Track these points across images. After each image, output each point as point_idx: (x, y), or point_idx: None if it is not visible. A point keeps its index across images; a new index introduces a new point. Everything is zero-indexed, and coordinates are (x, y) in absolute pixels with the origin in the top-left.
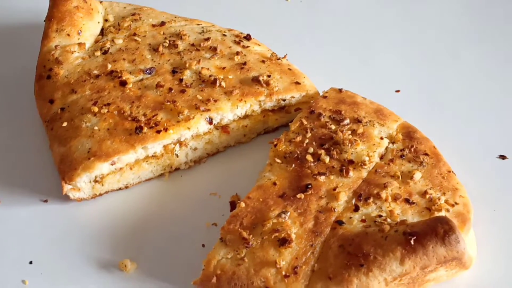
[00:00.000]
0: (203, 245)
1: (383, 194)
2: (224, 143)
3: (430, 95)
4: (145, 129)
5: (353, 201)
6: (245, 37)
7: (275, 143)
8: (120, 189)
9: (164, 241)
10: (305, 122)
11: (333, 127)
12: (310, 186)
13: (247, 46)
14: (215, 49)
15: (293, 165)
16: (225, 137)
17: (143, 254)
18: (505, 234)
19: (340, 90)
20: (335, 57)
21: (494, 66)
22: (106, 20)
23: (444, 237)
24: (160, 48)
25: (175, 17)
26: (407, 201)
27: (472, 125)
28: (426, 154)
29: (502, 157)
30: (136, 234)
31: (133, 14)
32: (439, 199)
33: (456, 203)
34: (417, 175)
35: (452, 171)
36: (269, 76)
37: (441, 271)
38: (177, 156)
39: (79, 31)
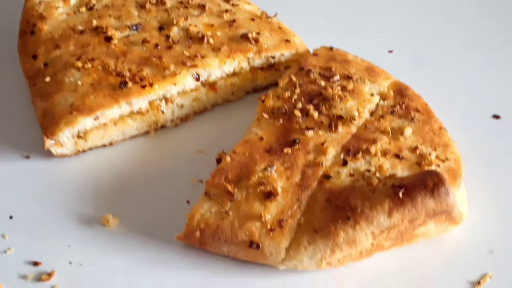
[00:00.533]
0: (187, 202)
1: (373, 149)
2: (211, 101)
3: (423, 56)
4: (130, 84)
5: (342, 156)
6: None
7: (263, 98)
8: (104, 146)
9: (148, 197)
10: (294, 78)
11: (322, 83)
12: (297, 141)
13: (237, 5)
14: (203, 6)
15: (281, 120)
16: (212, 94)
17: (126, 210)
18: (496, 192)
19: (331, 48)
20: (327, 17)
21: (489, 27)
22: None
23: (434, 190)
24: (147, 5)
25: None
26: (397, 156)
27: (466, 85)
28: (418, 111)
29: (496, 117)
30: (120, 190)
31: None
32: (429, 155)
33: (447, 159)
34: (408, 131)
35: (444, 128)
36: (258, 33)
37: (430, 225)
38: (163, 112)
39: None
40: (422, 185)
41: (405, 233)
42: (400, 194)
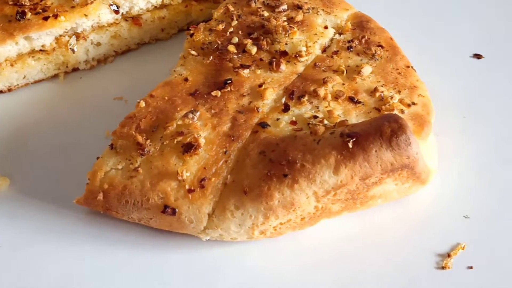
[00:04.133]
0: (98, 158)
1: (321, 92)
2: (136, 39)
3: None
4: (29, 15)
5: (283, 100)
6: None
7: (191, 32)
8: (1, 92)
9: (49, 153)
10: (231, 8)
11: (265, 14)
12: (229, 81)
13: None
14: None
15: (211, 58)
16: (136, 30)
17: (20, 169)
18: (474, 146)
19: None
20: None
21: None
22: None
23: (391, 138)
24: None
25: None
26: (351, 100)
27: (443, 19)
28: (380, 46)
29: (477, 56)
30: (14, 145)
31: None
32: (391, 98)
33: (414, 103)
34: (366, 70)
35: (412, 67)
36: None
37: (390, 184)
38: (73, 51)
39: None
40: (377, 132)
41: (357, 194)
42: (350, 145)
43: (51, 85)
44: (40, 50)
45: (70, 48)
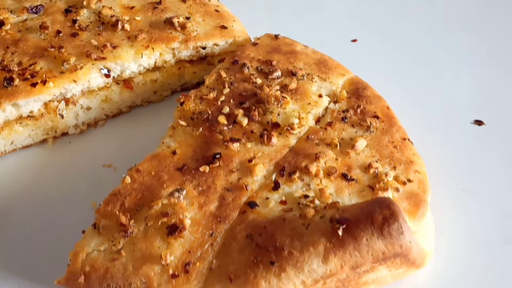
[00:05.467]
0: (83, 232)
1: (313, 168)
2: (127, 102)
3: (393, 47)
4: (17, 81)
5: (274, 177)
6: None
7: (182, 100)
8: None
9: (32, 225)
10: (224, 75)
11: (258, 81)
12: (218, 156)
13: None
14: None
15: (201, 129)
16: (128, 94)
17: (2, 243)
18: (474, 221)
19: (276, 37)
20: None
21: (470, 15)
22: None
23: (383, 226)
24: None
25: None
26: (344, 177)
27: (442, 84)
28: (376, 117)
29: (478, 122)
30: None
31: None
32: (386, 175)
33: (409, 180)
34: (361, 143)
35: (409, 139)
36: (187, 18)
37: (383, 271)
38: (62, 117)
39: None
40: (368, 220)
41: (348, 281)
42: (340, 232)
43: (40, 150)
44: (28, 116)
45: (59, 114)
